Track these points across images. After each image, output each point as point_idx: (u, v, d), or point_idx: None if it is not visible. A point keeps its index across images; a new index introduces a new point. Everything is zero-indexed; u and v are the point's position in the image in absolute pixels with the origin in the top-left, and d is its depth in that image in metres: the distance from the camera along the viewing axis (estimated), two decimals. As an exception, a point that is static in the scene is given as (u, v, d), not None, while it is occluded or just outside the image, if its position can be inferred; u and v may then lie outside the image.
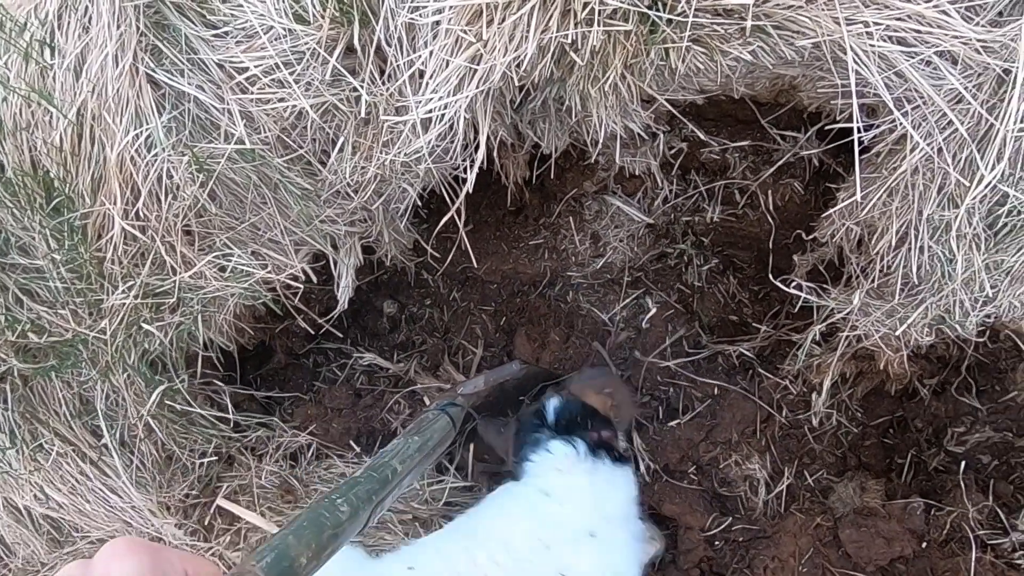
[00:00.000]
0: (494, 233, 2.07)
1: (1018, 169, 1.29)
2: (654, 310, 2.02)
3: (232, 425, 1.79)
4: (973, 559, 1.60)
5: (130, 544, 0.56)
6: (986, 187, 1.26)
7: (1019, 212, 1.30)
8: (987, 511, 1.72)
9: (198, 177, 1.35)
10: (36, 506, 1.61)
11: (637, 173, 1.88)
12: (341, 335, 2.08)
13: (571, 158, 1.87)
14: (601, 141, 1.50)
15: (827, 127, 1.50)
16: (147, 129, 1.31)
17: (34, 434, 1.57)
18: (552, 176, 1.90)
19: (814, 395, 1.81)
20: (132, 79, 1.29)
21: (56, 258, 1.41)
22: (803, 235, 1.69)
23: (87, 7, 1.28)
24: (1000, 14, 1.22)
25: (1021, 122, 1.23)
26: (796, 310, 1.83)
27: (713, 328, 2.04)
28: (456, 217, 1.45)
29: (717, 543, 1.78)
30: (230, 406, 1.75)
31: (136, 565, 0.55)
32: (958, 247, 1.34)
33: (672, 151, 1.82)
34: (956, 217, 1.31)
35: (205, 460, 1.71)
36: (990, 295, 1.40)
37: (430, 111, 1.27)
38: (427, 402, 1.94)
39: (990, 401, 1.87)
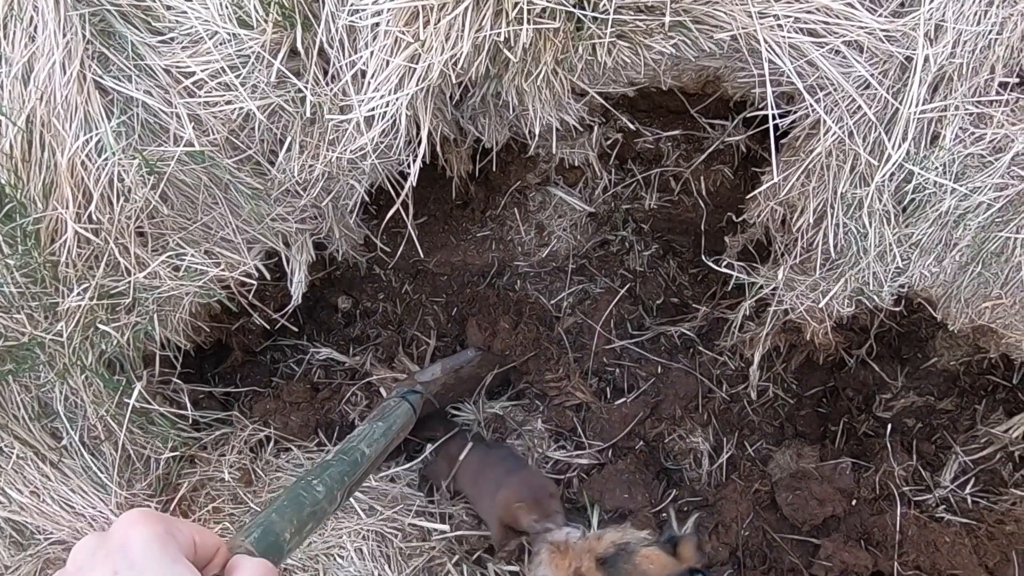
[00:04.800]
0: (442, 227, 2.13)
1: (922, 148, 1.39)
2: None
3: (191, 423, 1.83)
4: (899, 514, 1.72)
5: (144, 514, 0.60)
6: (893, 165, 1.37)
7: (924, 188, 1.41)
8: (912, 470, 1.85)
9: (149, 180, 1.39)
10: (-2, 510, 1.63)
11: (577, 164, 1.96)
12: (297, 331, 2.12)
13: (513, 151, 1.94)
14: (539, 134, 1.57)
15: (752, 115, 1.60)
16: (97, 134, 1.34)
17: (-7, 438, 1.59)
18: (496, 169, 1.97)
19: (751, 369, 1.92)
20: (80, 86, 1.32)
21: (9, 263, 1.43)
22: (733, 217, 1.79)
23: (32, 17, 1.30)
24: (902, 4, 1.32)
25: (923, 105, 1.34)
26: (730, 288, 1.93)
27: (656, 310, 2.13)
28: (403, 210, 1.51)
29: (664, 515, 1.87)
30: (188, 404, 1.78)
31: (151, 532, 0.59)
32: (870, 222, 1.45)
33: (608, 142, 1.91)
34: (868, 195, 1.42)
35: (163, 458, 1.74)
36: (902, 266, 1.51)
37: (372, 109, 1.33)
38: (384, 393, 1.99)
39: (913, 368, 2.00)
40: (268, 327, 1.97)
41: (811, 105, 1.38)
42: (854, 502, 1.76)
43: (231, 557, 0.68)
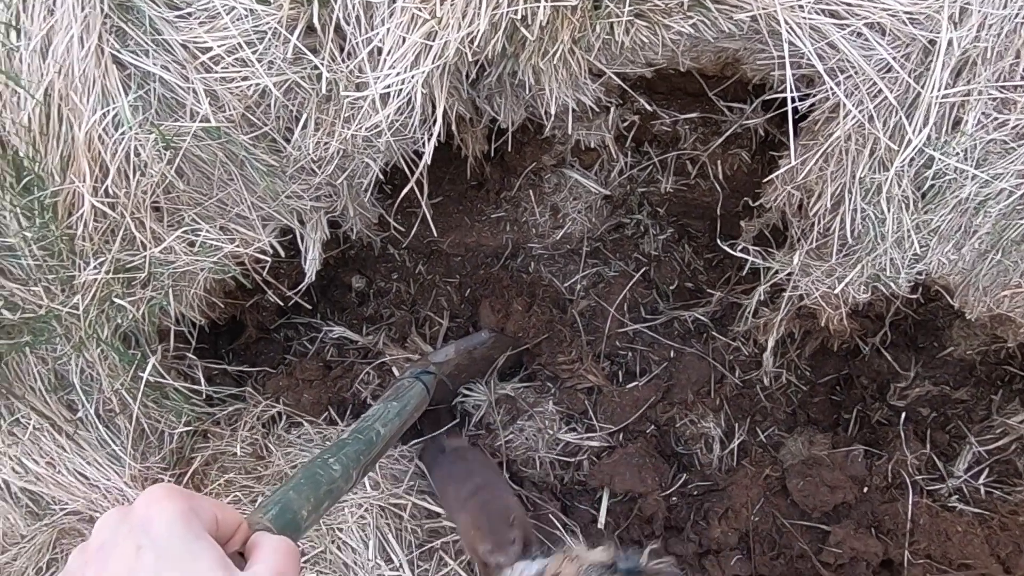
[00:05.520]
0: (457, 207, 2.13)
1: (943, 134, 1.38)
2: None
3: (205, 398, 1.84)
4: (910, 503, 1.71)
5: (167, 489, 0.61)
6: (913, 150, 1.35)
7: (944, 174, 1.39)
8: (925, 459, 1.84)
9: (165, 154, 1.39)
10: (15, 479, 1.65)
11: (593, 146, 1.95)
12: (311, 309, 2.13)
13: (529, 132, 1.93)
14: (555, 114, 1.56)
15: (771, 98, 1.58)
16: (114, 108, 1.34)
17: (10, 409, 1.61)
18: (511, 150, 1.96)
19: (765, 355, 1.91)
20: (98, 60, 1.33)
21: (27, 236, 1.44)
22: (750, 202, 1.77)
23: (51, -10, 1.31)
24: (925, -14, 1.30)
25: (945, 89, 1.32)
26: (745, 274, 1.92)
27: (670, 295, 2.12)
28: (417, 189, 1.51)
29: (674, 499, 1.87)
30: (202, 379, 1.80)
31: (174, 508, 0.59)
32: (889, 208, 1.43)
33: (625, 124, 1.89)
34: (886, 180, 1.40)
35: (177, 432, 1.76)
36: (920, 253, 1.49)
37: (388, 86, 1.33)
38: (396, 373, 2.00)
39: (929, 357, 1.98)
40: (282, 304, 1.98)
41: (831, 88, 1.36)
42: (865, 490, 1.76)
43: (251, 534, 0.69)
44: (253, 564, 0.64)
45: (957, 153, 1.35)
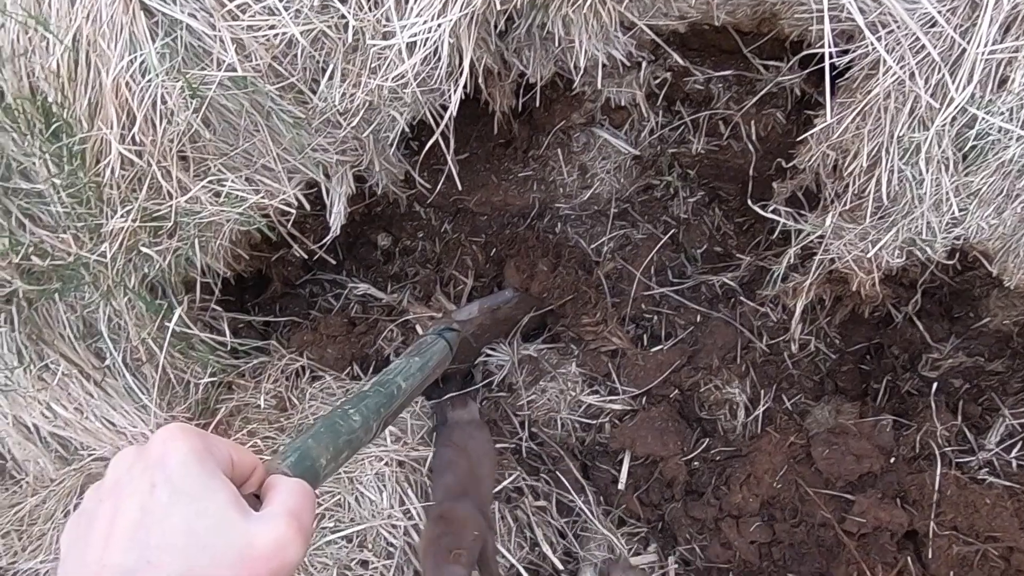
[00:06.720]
0: (484, 165, 2.11)
1: (988, 92, 1.32)
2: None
3: (230, 350, 1.86)
4: (938, 474, 1.68)
5: (182, 428, 0.61)
6: (955, 109, 1.31)
7: (987, 135, 1.34)
8: (955, 430, 1.80)
9: (191, 103, 1.39)
10: (44, 423, 1.68)
11: (623, 104, 1.91)
12: (336, 264, 2.14)
13: (558, 89, 1.90)
14: (584, 69, 1.53)
15: (809, 56, 1.53)
16: (141, 55, 1.34)
17: (40, 355, 1.63)
18: (540, 107, 1.93)
19: (793, 321, 1.87)
20: (126, 6, 1.32)
21: (56, 183, 1.45)
22: (783, 163, 1.73)
23: (79, -67, 1.30)
24: (975, -63, 1.24)
25: (992, 45, 1.27)
26: (775, 237, 1.88)
27: (698, 259, 2.09)
28: (442, 141, 1.49)
29: (695, 464, 1.86)
30: (227, 331, 1.81)
31: (189, 447, 0.59)
32: (927, 169, 1.38)
33: (657, 81, 1.85)
34: (926, 139, 1.35)
35: (202, 382, 1.78)
36: (958, 217, 1.45)
37: (415, 35, 1.31)
38: (419, 331, 2.00)
39: (964, 327, 1.93)
40: (307, 258, 1.98)
41: (872, 43, 1.31)
42: (892, 460, 1.72)
43: (267, 477, 0.69)
44: (268, 504, 0.64)
45: (1002, 112, 1.30)
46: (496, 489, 1.73)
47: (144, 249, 1.52)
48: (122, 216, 1.47)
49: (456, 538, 1.49)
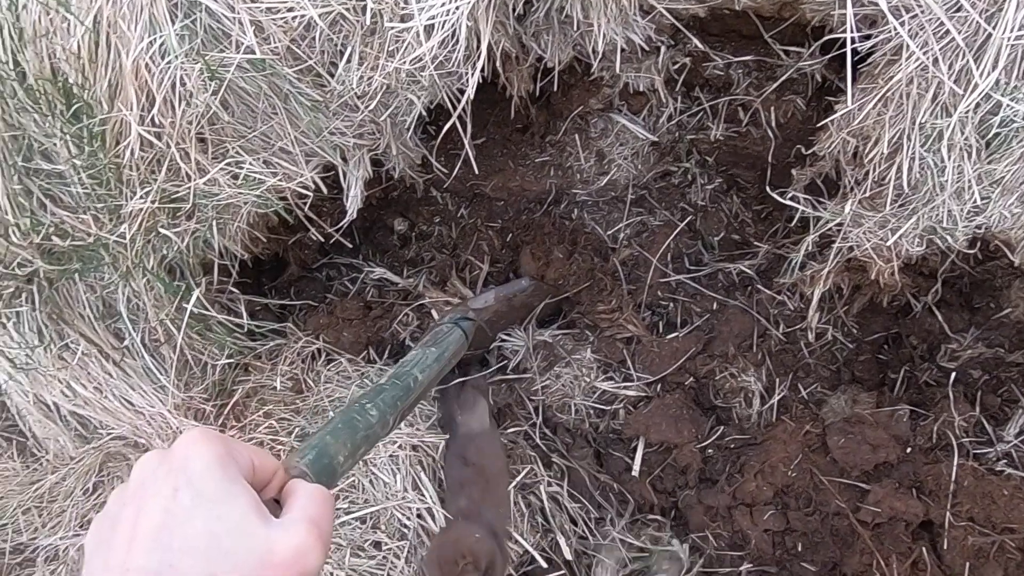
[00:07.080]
0: (501, 150, 2.10)
1: (1013, 79, 1.30)
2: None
3: (247, 332, 1.88)
4: (955, 464, 1.67)
5: (205, 433, 0.62)
6: (979, 95, 1.29)
7: (1012, 122, 1.32)
8: (973, 421, 1.78)
9: (210, 85, 1.39)
10: (64, 402, 1.71)
11: (642, 90, 1.90)
12: (352, 248, 2.14)
13: (576, 74, 1.89)
14: (603, 53, 1.52)
15: (830, 42, 1.51)
16: (161, 36, 1.34)
17: (60, 334, 1.65)
18: (558, 92, 1.92)
19: (810, 309, 1.86)
20: (145, -13, 1.33)
21: (77, 163, 1.46)
22: (803, 150, 1.71)
23: (99, -86, 1.31)
24: (1002, -80, 1.22)
25: (1019, 31, 1.25)
26: (793, 225, 1.87)
27: (715, 246, 2.08)
28: (459, 124, 1.49)
29: (710, 451, 1.86)
30: (244, 313, 1.83)
31: (212, 452, 0.60)
32: (949, 156, 1.37)
33: (676, 66, 1.84)
34: (948, 126, 1.34)
35: (219, 364, 1.79)
36: (980, 205, 1.43)
37: (433, 18, 1.30)
38: (435, 315, 2.00)
39: (984, 317, 1.91)
40: (324, 242, 1.99)
41: (895, 28, 1.30)
42: (908, 450, 1.71)
43: (288, 480, 0.70)
44: (288, 511, 0.65)
45: (1027, 99, 1.28)
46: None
47: (163, 230, 1.53)
48: (141, 197, 1.48)
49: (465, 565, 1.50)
